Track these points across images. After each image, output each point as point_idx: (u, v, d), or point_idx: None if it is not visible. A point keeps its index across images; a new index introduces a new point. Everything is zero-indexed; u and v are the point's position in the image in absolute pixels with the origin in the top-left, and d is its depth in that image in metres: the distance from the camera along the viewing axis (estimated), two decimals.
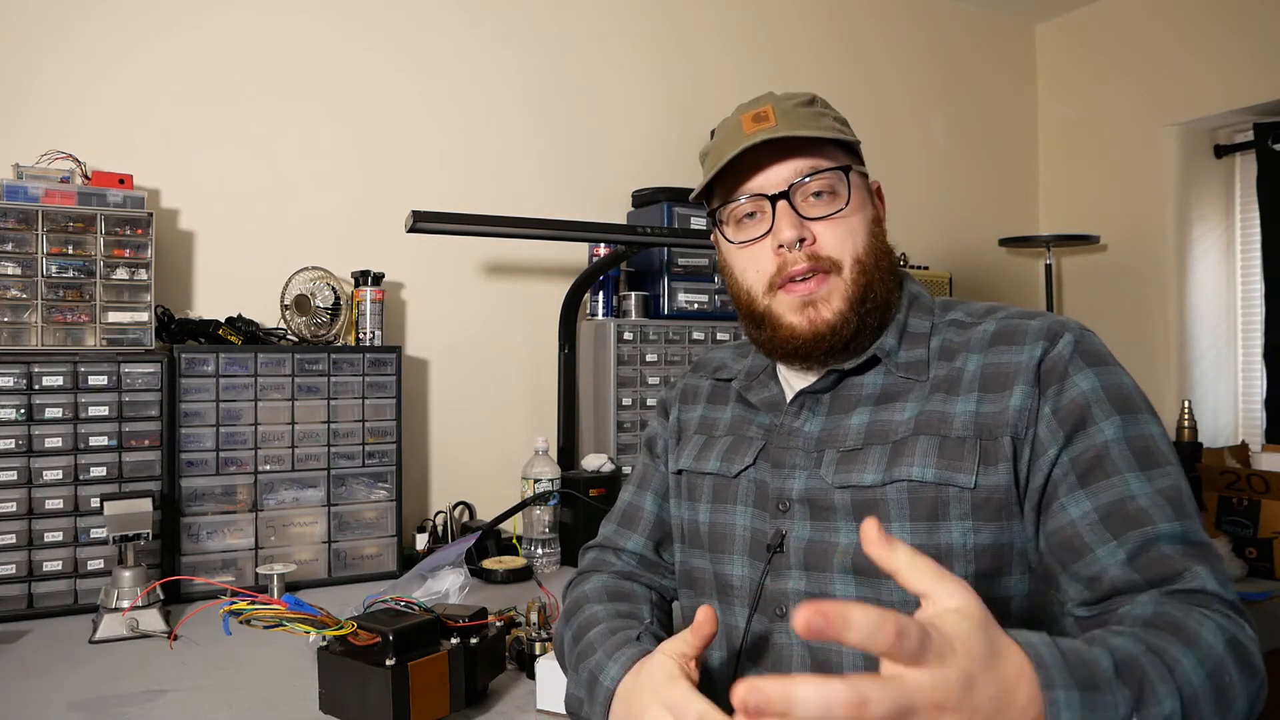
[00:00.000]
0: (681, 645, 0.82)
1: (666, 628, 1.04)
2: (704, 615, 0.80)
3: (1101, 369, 0.85)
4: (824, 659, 0.89)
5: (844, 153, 0.96)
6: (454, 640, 1.08)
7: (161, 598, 1.47)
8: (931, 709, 0.52)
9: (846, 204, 0.93)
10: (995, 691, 0.55)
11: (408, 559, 1.84)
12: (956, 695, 0.53)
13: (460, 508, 2.13)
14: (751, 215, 0.95)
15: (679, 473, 1.07)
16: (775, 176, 0.93)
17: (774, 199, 0.92)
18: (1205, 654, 0.68)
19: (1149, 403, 0.86)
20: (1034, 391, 0.85)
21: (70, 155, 1.69)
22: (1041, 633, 0.63)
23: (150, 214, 1.64)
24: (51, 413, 1.55)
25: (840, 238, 0.92)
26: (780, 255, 0.92)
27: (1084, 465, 0.82)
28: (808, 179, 0.92)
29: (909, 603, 0.84)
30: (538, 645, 1.23)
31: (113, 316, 1.62)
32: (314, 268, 1.91)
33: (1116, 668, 0.62)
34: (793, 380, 1.00)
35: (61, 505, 1.55)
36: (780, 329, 0.94)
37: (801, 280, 0.92)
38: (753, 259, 0.95)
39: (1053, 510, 0.83)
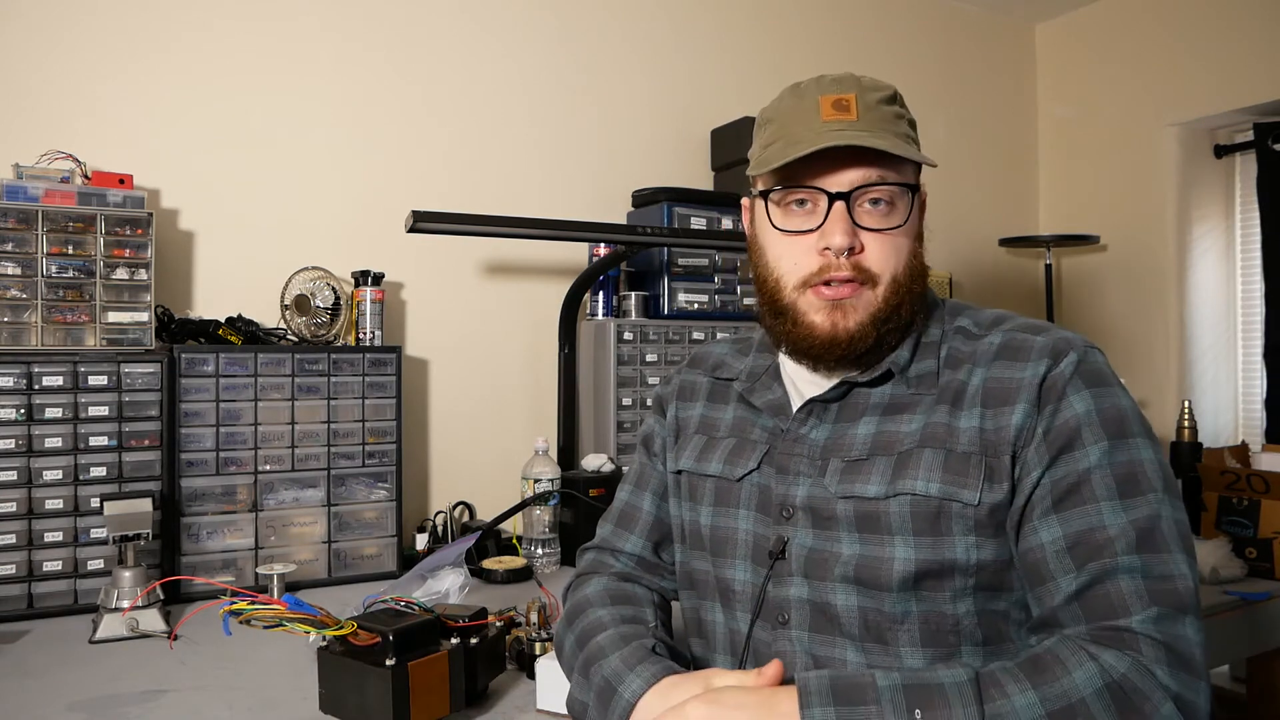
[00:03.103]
0: (733, 682, 0.81)
1: (670, 630, 1.04)
2: (775, 670, 0.80)
3: (1100, 390, 0.84)
4: (827, 666, 0.88)
5: (913, 169, 0.93)
6: (454, 640, 1.08)
7: (161, 598, 1.47)
8: None
9: (904, 223, 0.91)
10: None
11: (408, 559, 1.84)
12: None
13: (460, 508, 2.13)
14: (802, 203, 0.91)
15: (679, 473, 1.06)
16: (842, 177, 0.89)
17: (833, 198, 0.89)
18: (1058, 693, 0.72)
19: (1146, 426, 0.85)
20: (1034, 411, 0.84)
21: (70, 155, 1.69)
22: (830, 669, 0.78)
23: (150, 214, 1.64)
24: (51, 413, 1.55)
25: (886, 254, 0.90)
26: (824, 257, 0.89)
27: (1062, 489, 0.82)
28: (873, 186, 0.89)
29: (911, 614, 0.85)
30: (538, 645, 1.23)
31: (113, 316, 1.62)
32: (314, 268, 1.91)
33: (902, 687, 0.73)
34: (799, 383, 0.99)
35: (61, 505, 1.55)
36: (799, 325, 0.92)
37: (836, 285, 0.89)
38: (791, 249, 0.92)
39: (1025, 531, 0.83)
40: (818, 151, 0.87)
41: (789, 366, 1.01)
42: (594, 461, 2.04)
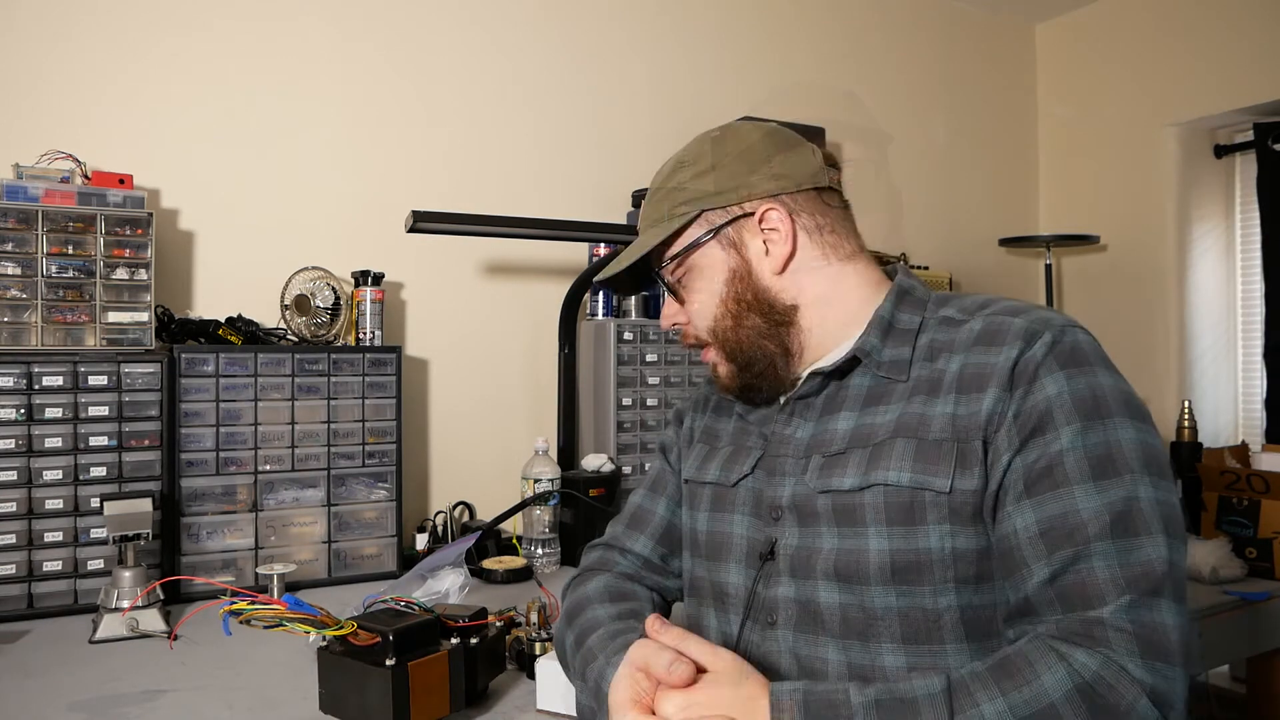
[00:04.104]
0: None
1: None
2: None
3: (1074, 371, 0.82)
4: (809, 665, 0.88)
5: (697, 223, 0.97)
6: (454, 640, 1.08)
7: (161, 598, 1.47)
8: None
9: (680, 301, 1.01)
10: None
11: (408, 559, 1.84)
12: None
13: (460, 508, 2.13)
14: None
15: (686, 481, 1.08)
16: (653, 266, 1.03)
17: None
18: (1027, 699, 0.71)
19: (1129, 405, 0.82)
20: (1006, 395, 0.83)
21: (70, 155, 1.69)
22: (805, 681, 0.78)
23: (150, 214, 1.64)
24: (51, 413, 1.55)
25: (695, 317, 1.00)
26: None
27: (1035, 474, 0.80)
28: (660, 284, 1.02)
29: (891, 609, 0.85)
30: (538, 645, 1.23)
31: (113, 316, 1.62)
32: (314, 268, 1.92)
33: (876, 704, 0.73)
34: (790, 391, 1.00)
35: (61, 505, 1.55)
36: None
37: (694, 349, 1.03)
38: None
39: (999, 518, 0.82)
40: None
41: None
42: (594, 461, 2.04)
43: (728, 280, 0.96)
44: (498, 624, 1.19)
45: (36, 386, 1.54)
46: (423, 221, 1.85)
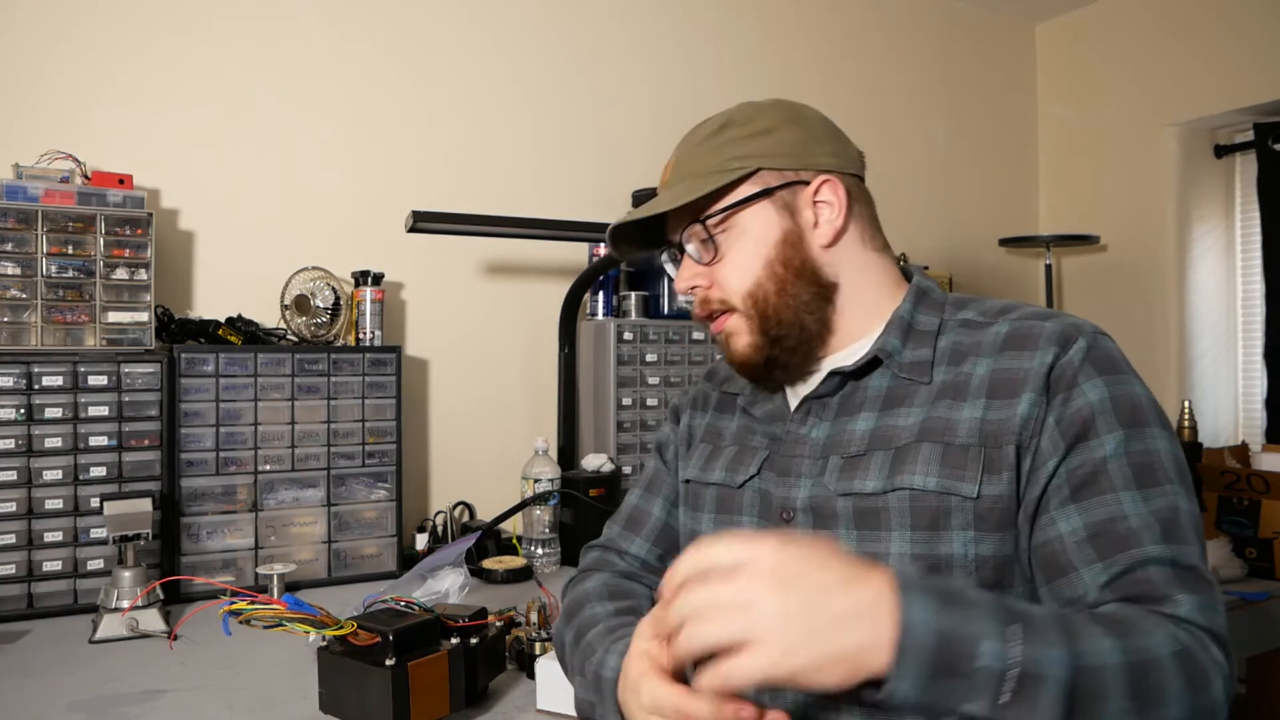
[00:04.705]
0: (653, 632, 0.80)
1: None
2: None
3: (1113, 378, 0.82)
4: None
5: (761, 178, 0.93)
6: (454, 640, 1.08)
7: (161, 598, 1.47)
8: None
9: (715, 255, 0.95)
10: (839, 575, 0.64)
11: (408, 559, 1.84)
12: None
13: (460, 508, 2.13)
14: (673, 255, 1.00)
15: (686, 482, 1.07)
16: (674, 225, 0.97)
17: (667, 248, 0.99)
18: (1136, 646, 0.67)
19: (1161, 415, 0.83)
20: (1042, 400, 0.83)
21: (70, 155, 1.69)
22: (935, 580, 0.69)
23: (150, 214, 1.64)
24: (51, 413, 1.55)
25: (726, 279, 0.94)
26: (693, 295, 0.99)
27: (1079, 479, 0.80)
28: (684, 238, 0.96)
29: None
30: (538, 645, 1.23)
31: (113, 316, 1.62)
32: (314, 268, 1.92)
33: (995, 601, 0.66)
34: (799, 389, 0.99)
35: (61, 505, 1.55)
36: (725, 355, 0.99)
37: (708, 319, 0.97)
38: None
39: (1041, 523, 0.82)
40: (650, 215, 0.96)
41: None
42: (594, 461, 2.04)
43: (778, 243, 0.93)
44: (498, 624, 1.19)
45: (36, 386, 1.54)
46: (423, 221, 1.85)
